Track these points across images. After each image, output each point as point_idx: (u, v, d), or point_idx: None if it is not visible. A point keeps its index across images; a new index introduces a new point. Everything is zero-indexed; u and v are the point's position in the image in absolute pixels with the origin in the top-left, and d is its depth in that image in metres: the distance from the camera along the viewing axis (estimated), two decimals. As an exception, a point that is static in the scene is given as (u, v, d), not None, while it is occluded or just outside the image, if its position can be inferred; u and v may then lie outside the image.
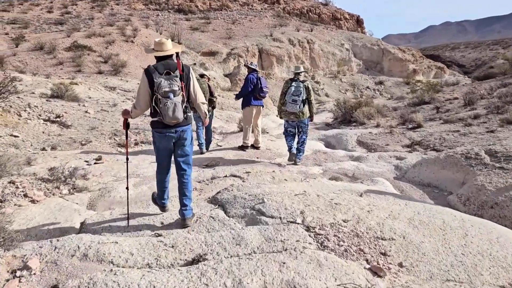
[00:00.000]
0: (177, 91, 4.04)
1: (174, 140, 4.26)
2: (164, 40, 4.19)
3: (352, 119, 12.73)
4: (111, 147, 9.55)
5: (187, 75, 4.24)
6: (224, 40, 38.67)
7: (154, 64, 4.17)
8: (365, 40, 44.28)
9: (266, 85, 8.91)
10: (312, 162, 8.31)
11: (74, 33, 33.26)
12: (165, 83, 3.98)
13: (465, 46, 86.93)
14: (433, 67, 43.60)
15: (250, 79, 8.71)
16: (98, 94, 17.12)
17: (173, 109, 3.99)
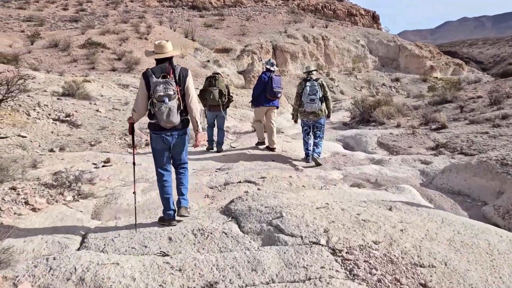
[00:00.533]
0: (172, 95, 3.99)
1: (170, 142, 4.24)
2: (164, 43, 4.18)
3: (371, 119, 12.17)
4: (121, 148, 9.18)
5: (184, 79, 4.17)
6: (238, 37, 38.23)
7: (152, 67, 4.14)
8: (381, 36, 43.40)
9: (279, 84, 8.46)
10: (331, 166, 7.82)
11: (88, 30, 33.15)
12: (160, 87, 3.95)
13: (483, 42, 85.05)
14: (451, 63, 42.52)
15: (262, 79, 8.42)
16: (111, 92, 16.84)
17: (167, 113, 3.97)
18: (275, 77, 8.33)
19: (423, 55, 41.17)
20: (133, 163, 4.85)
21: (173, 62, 4.27)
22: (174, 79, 4.05)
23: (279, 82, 8.47)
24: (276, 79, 8.38)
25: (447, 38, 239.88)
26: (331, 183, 6.49)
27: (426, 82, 39.64)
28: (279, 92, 8.47)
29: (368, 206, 4.32)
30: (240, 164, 7.49)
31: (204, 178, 6.64)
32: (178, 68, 4.16)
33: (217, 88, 8.27)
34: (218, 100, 8.26)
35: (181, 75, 4.15)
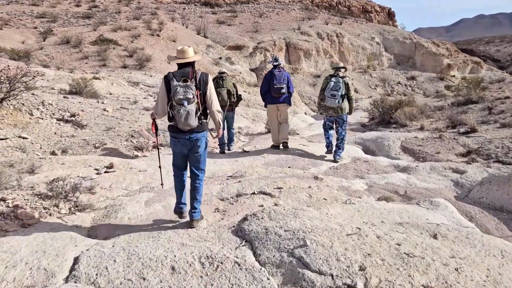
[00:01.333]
0: (191, 99, 4.09)
1: (188, 145, 4.34)
2: (186, 48, 4.30)
3: (392, 120, 11.41)
4: (127, 150, 8.59)
5: (205, 83, 4.28)
6: (251, 34, 37.52)
7: (174, 71, 4.28)
8: (397, 33, 42.30)
9: (281, 80, 8.08)
10: (353, 173, 7.12)
11: (100, 26, 32.77)
12: (180, 90, 4.06)
13: (500, 40, 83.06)
14: (469, 62, 41.26)
15: (265, 77, 8.30)
16: (120, 90, 16.31)
17: (185, 116, 4.07)
18: (277, 73, 8.07)
19: (440, 53, 39.99)
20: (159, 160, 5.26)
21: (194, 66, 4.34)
22: (194, 83, 4.15)
23: (281, 78, 8.09)
24: (279, 75, 8.08)
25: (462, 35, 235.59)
26: (355, 195, 5.81)
27: (443, 80, 38.54)
28: (282, 88, 8.07)
29: (407, 232, 3.63)
30: (254, 171, 6.84)
31: (214, 187, 6.01)
32: (199, 73, 4.27)
33: (225, 88, 8.09)
34: (227, 100, 8.09)
35: (202, 79, 4.26)
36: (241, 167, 7.10)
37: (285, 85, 8.08)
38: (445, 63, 39.39)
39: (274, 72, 8.08)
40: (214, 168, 7.05)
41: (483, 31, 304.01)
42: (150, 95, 15.44)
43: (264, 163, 7.38)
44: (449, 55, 40.86)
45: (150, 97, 14.77)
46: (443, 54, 40.08)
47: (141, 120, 10.81)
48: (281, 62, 8.41)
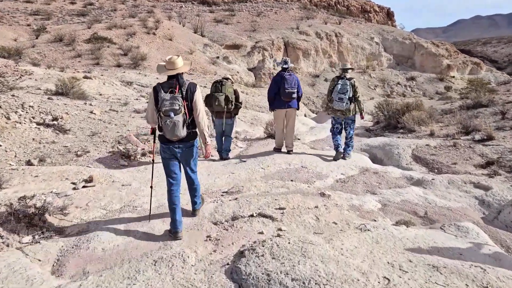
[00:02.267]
0: (178, 110, 4.06)
1: (176, 152, 4.34)
2: (174, 58, 4.26)
3: (399, 125, 10.61)
4: (113, 159, 7.75)
5: (192, 93, 4.26)
6: (249, 33, 36.70)
7: (162, 82, 4.27)
8: (396, 33, 41.55)
9: (293, 84, 7.70)
10: (363, 188, 6.31)
11: (95, 24, 31.85)
12: (166, 102, 4.06)
13: (497, 41, 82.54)
14: (469, 62, 40.57)
15: (274, 80, 7.83)
16: (112, 90, 15.45)
17: (172, 127, 4.07)
18: (288, 77, 7.66)
19: (440, 53, 39.26)
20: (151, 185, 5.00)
21: (182, 77, 4.30)
22: (181, 94, 4.15)
23: (293, 82, 7.71)
24: (290, 78, 7.68)
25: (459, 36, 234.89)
26: (368, 217, 5.00)
27: (442, 81, 37.86)
28: (292, 93, 7.71)
29: (449, 283, 2.82)
30: (252, 186, 6.01)
31: (207, 206, 5.18)
32: (186, 83, 4.25)
33: (223, 94, 7.57)
34: (224, 106, 7.59)
35: (189, 90, 4.23)
36: (238, 181, 6.27)
37: (295, 89, 7.71)
38: (445, 64, 38.68)
39: (285, 76, 7.62)
40: (207, 182, 6.21)
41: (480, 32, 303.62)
42: (143, 96, 14.58)
43: (264, 175, 6.56)
44: (449, 56, 40.15)
45: (143, 98, 13.91)
46: (443, 55, 39.37)
47: (131, 123, 9.97)
48: (291, 64, 7.94)
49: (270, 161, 7.23)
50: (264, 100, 19.66)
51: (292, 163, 7.20)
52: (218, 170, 6.87)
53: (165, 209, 4.74)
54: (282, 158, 7.45)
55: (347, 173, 7.05)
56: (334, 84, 7.59)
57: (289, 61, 7.94)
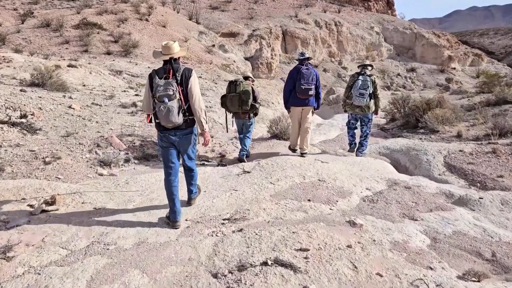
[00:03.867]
0: (172, 95, 3.90)
1: (174, 140, 4.17)
2: (170, 44, 4.12)
3: (419, 124, 9.27)
4: (89, 167, 6.36)
5: (187, 79, 4.06)
6: (246, 21, 35.06)
7: (157, 68, 4.15)
8: (397, 23, 40.07)
9: (311, 79, 6.76)
10: (398, 211, 4.98)
11: (85, 9, 30.05)
12: (161, 88, 3.91)
13: (494, 33, 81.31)
14: (470, 53, 39.28)
15: (290, 75, 6.98)
16: (98, 80, 13.97)
17: (166, 113, 3.90)
18: (305, 71, 6.73)
19: (441, 44, 37.88)
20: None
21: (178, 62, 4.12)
22: (175, 79, 3.99)
23: (309, 77, 6.75)
24: (307, 73, 6.74)
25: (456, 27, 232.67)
26: (421, 263, 3.67)
27: (443, 73, 36.60)
28: (310, 89, 6.76)
29: None
30: (260, 209, 4.67)
31: (203, 242, 3.84)
32: (181, 69, 4.07)
33: (237, 95, 6.93)
34: (239, 107, 7.00)
35: (184, 75, 4.06)
36: (243, 201, 4.91)
37: (313, 86, 6.78)
38: (446, 55, 37.34)
39: (301, 70, 6.72)
40: (204, 204, 4.84)
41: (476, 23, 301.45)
42: (132, 88, 13.11)
43: (274, 193, 5.19)
44: (450, 47, 38.80)
45: (131, 90, 12.45)
46: (444, 46, 38.00)
47: (115, 121, 8.55)
48: (308, 55, 7.06)
49: (280, 173, 5.85)
50: (264, 92, 18.24)
51: (306, 176, 5.84)
52: (216, 185, 5.49)
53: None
54: (294, 169, 6.08)
55: (373, 188, 5.72)
56: (354, 80, 7.35)
57: (307, 53, 7.15)
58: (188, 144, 4.26)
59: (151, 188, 5.35)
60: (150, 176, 5.79)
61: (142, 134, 7.92)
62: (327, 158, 6.98)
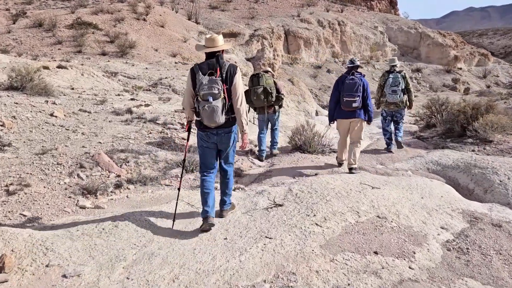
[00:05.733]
0: (217, 94, 3.62)
1: (215, 139, 3.88)
2: (215, 36, 3.87)
3: (467, 133, 7.70)
4: (67, 196, 4.76)
5: (232, 77, 3.74)
6: (246, 20, 33.44)
7: (200, 63, 3.83)
8: (401, 23, 38.57)
9: (356, 90, 5.96)
10: (505, 268, 3.41)
11: (79, 9, 28.39)
12: (205, 86, 3.61)
13: (493, 33, 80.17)
14: (476, 53, 37.84)
15: (336, 85, 6.33)
16: (90, 83, 12.37)
17: (210, 113, 3.61)
18: (349, 82, 6.04)
19: (447, 43, 36.38)
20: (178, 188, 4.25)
21: (223, 57, 3.81)
22: (221, 77, 3.69)
23: (353, 88, 5.99)
24: (351, 83, 6.01)
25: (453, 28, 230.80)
26: None
27: (450, 73, 35.07)
28: (353, 102, 6.00)
29: None
30: (312, 271, 3.09)
31: None
32: (226, 65, 3.79)
33: (261, 87, 6.71)
34: (264, 100, 6.76)
35: (229, 72, 3.75)
36: (283, 258, 3.31)
37: (358, 97, 5.99)
38: (452, 55, 35.85)
39: (346, 80, 6.06)
40: (228, 265, 3.20)
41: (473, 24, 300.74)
42: (127, 91, 11.50)
43: (325, 242, 3.60)
44: (455, 46, 37.33)
45: (127, 94, 10.84)
46: (450, 45, 36.52)
47: (105, 131, 6.95)
48: (358, 63, 6.38)
49: (324, 207, 4.25)
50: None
51: (360, 210, 4.25)
52: (241, 228, 3.88)
53: None
54: (341, 199, 4.48)
55: (451, 227, 4.15)
56: (385, 79, 7.49)
57: (356, 60, 6.43)
58: (229, 142, 3.92)
59: (149, 234, 3.75)
60: (149, 213, 4.19)
61: (138, 149, 6.31)
62: (374, 180, 5.39)
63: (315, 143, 7.25)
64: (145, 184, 5.37)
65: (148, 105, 9.37)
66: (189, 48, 25.35)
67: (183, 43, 25.80)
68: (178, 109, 9.30)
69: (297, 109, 16.00)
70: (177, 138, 7.23)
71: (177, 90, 13.09)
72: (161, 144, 6.79)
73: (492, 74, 36.25)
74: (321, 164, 6.63)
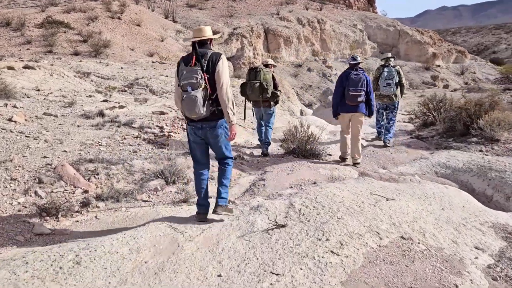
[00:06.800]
0: (196, 84, 3.40)
1: (201, 134, 3.66)
2: (202, 27, 3.66)
3: (472, 131, 7.09)
4: (19, 220, 3.85)
5: (214, 66, 3.47)
6: (225, 19, 32.55)
7: (186, 55, 3.67)
8: (380, 20, 38.38)
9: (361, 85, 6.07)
10: None
11: (50, 7, 26.92)
12: (185, 76, 3.45)
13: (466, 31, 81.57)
14: (453, 50, 38.00)
15: (340, 80, 6.44)
16: (60, 84, 11.34)
17: (190, 103, 3.40)
18: (354, 77, 6.14)
19: (425, 41, 36.35)
20: None
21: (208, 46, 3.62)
22: (201, 66, 3.43)
23: (359, 83, 6.09)
24: (356, 78, 6.12)
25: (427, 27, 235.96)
26: None
27: (428, 70, 35.09)
28: (358, 96, 6.09)
29: None
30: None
31: None
32: (208, 54, 3.50)
33: (258, 82, 6.53)
34: (260, 95, 6.60)
35: (211, 60, 3.48)
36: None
37: (363, 92, 6.10)
38: (430, 52, 35.87)
39: (350, 76, 6.15)
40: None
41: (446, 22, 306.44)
42: (100, 91, 10.51)
43: (346, 278, 2.82)
44: (433, 44, 37.38)
45: (99, 95, 9.86)
46: (428, 43, 36.52)
47: (72, 138, 6.02)
48: (359, 59, 6.44)
49: (337, 228, 3.47)
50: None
51: (380, 230, 3.49)
52: (238, 260, 3.06)
53: None
54: (354, 216, 3.72)
55: (487, 246, 3.46)
56: (379, 72, 7.63)
57: (358, 57, 6.52)
58: (216, 137, 3.67)
59: (122, 271, 2.90)
60: (122, 241, 3.33)
61: (111, 157, 5.42)
62: (384, 189, 4.66)
63: (310, 146, 6.49)
64: (118, 201, 4.50)
65: (123, 106, 8.45)
66: (166, 47, 24.35)
67: (160, 42, 24.77)
68: (156, 110, 8.42)
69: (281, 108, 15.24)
70: (156, 144, 6.36)
71: (155, 91, 12.15)
72: (137, 151, 5.91)
73: (470, 71, 36.43)
74: (319, 170, 5.87)
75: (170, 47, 24.70)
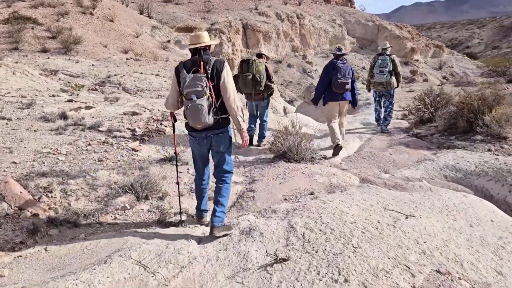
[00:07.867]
0: (201, 92, 3.21)
1: (206, 143, 3.50)
2: (199, 33, 3.53)
3: (478, 129, 6.44)
4: None
5: (219, 73, 3.33)
6: (202, 14, 31.47)
7: (185, 60, 3.49)
8: (358, 15, 37.94)
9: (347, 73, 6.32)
10: None
11: (17, 2, 25.29)
12: (189, 83, 3.23)
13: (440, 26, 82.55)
14: (431, 45, 37.93)
15: (326, 70, 6.52)
16: (23, 82, 10.24)
17: (195, 112, 3.21)
18: (341, 65, 6.31)
19: (403, 36, 36.13)
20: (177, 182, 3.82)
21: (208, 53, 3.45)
22: (206, 73, 3.27)
23: (346, 71, 6.33)
24: (343, 67, 6.31)
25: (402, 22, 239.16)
26: None
27: (407, 65, 34.86)
28: (346, 83, 6.35)
29: None
30: None
31: None
32: (212, 61, 3.36)
33: (250, 74, 6.17)
34: (252, 88, 6.27)
35: (215, 68, 3.32)
36: None
37: (350, 80, 6.41)
38: (409, 47, 35.66)
39: (337, 64, 6.33)
40: None
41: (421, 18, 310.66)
42: (65, 90, 9.47)
43: None
44: (412, 39, 37.20)
45: (64, 94, 8.84)
46: (406, 37, 36.31)
47: (25, 146, 5.06)
48: (344, 51, 6.65)
49: (355, 262, 2.68)
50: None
51: (410, 261, 2.72)
52: None
53: None
54: (373, 242, 2.94)
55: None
56: (375, 61, 7.81)
57: (343, 48, 6.92)
58: (220, 146, 3.47)
59: None
60: (79, 283, 2.46)
61: (70, 169, 4.50)
62: (397, 201, 3.90)
63: (303, 149, 5.71)
64: (76, 225, 3.61)
65: (90, 107, 7.47)
66: (142, 43, 23.19)
67: (135, 38, 23.57)
68: (128, 111, 7.48)
69: (264, 106, 14.50)
70: (126, 150, 5.46)
71: (128, 89, 11.16)
72: (104, 159, 5.00)
73: (447, 65, 36.44)
74: (315, 177, 5.09)
75: (146, 44, 23.54)
